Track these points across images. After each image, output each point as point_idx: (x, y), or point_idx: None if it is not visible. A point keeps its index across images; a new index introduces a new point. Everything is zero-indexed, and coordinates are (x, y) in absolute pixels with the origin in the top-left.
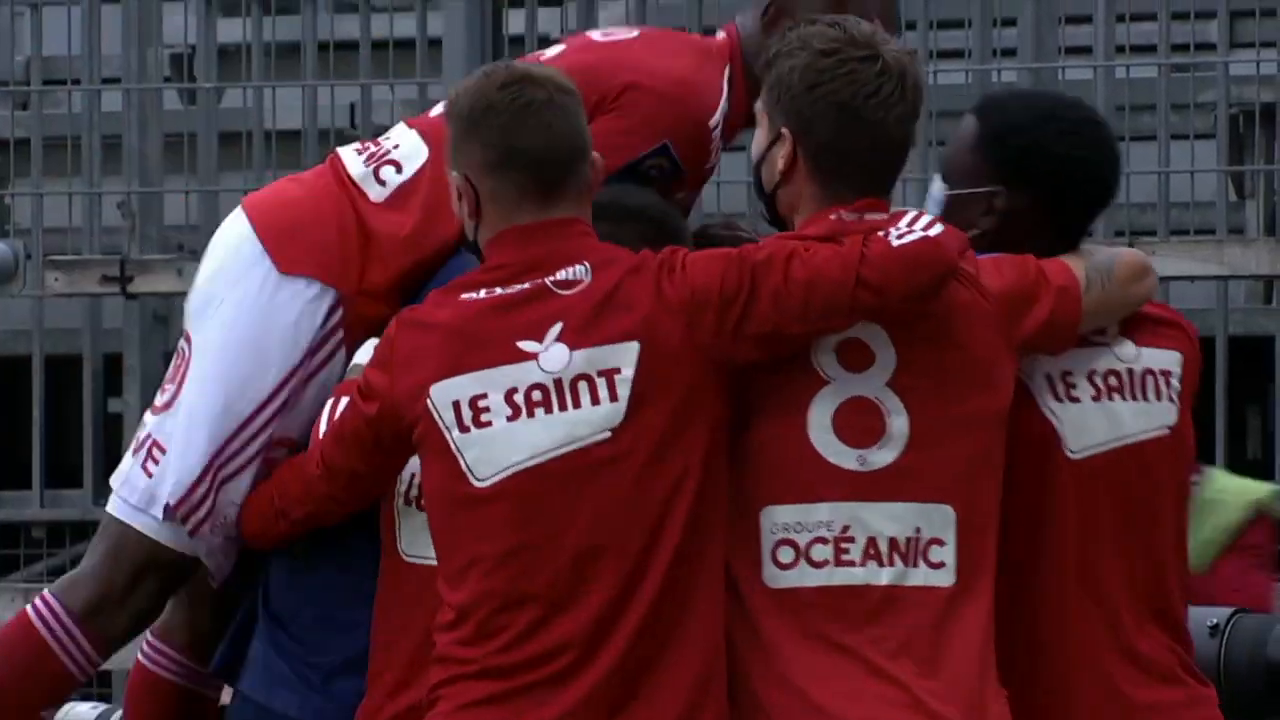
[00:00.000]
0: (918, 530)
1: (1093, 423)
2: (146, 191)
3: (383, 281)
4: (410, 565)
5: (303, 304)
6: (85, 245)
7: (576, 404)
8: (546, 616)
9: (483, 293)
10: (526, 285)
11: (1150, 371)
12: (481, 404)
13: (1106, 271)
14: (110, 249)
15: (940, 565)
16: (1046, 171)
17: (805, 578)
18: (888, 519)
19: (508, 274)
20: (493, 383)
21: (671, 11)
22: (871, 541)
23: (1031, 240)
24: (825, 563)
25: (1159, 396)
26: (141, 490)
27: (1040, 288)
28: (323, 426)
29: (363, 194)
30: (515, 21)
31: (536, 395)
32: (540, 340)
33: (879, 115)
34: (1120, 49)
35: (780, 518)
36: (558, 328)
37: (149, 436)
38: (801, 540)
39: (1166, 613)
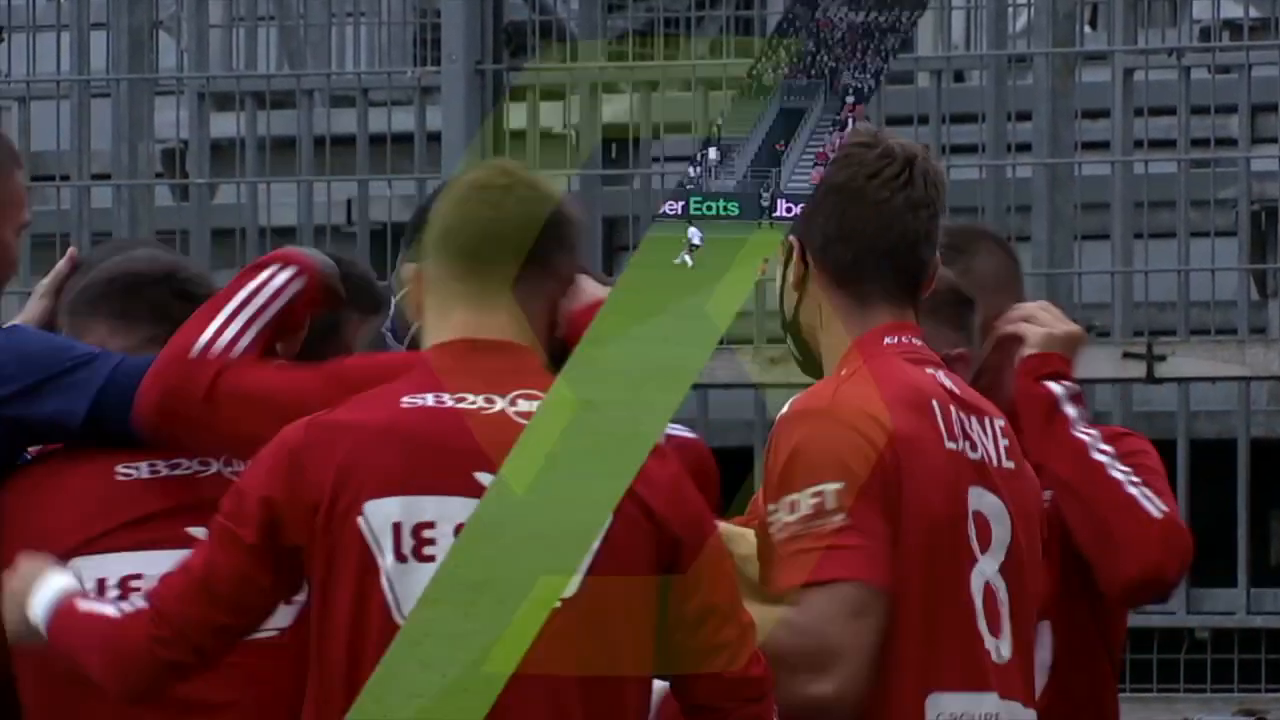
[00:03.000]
0: None
1: None
2: None
3: None
4: None
5: None
6: None
7: None
8: None
9: (430, 399)
10: (482, 403)
11: None
12: (427, 534)
13: None
14: None
15: None
16: None
17: None
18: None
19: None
20: (445, 513)
21: (678, 104)
22: None
23: None
24: None
25: None
26: None
27: None
28: None
29: None
30: (516, 116)
31: None
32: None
33: (882, 195)
34: (1139, 144)
35: (948, 706)
36: None
37: None
38: None
39: None
